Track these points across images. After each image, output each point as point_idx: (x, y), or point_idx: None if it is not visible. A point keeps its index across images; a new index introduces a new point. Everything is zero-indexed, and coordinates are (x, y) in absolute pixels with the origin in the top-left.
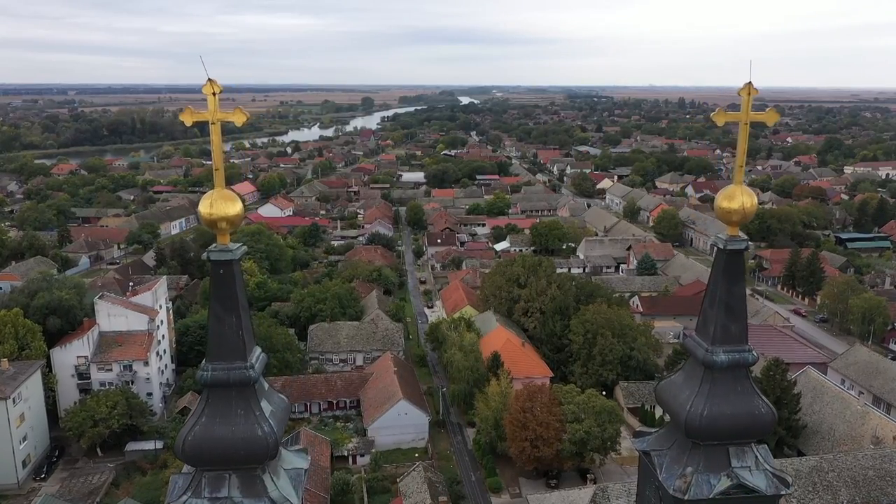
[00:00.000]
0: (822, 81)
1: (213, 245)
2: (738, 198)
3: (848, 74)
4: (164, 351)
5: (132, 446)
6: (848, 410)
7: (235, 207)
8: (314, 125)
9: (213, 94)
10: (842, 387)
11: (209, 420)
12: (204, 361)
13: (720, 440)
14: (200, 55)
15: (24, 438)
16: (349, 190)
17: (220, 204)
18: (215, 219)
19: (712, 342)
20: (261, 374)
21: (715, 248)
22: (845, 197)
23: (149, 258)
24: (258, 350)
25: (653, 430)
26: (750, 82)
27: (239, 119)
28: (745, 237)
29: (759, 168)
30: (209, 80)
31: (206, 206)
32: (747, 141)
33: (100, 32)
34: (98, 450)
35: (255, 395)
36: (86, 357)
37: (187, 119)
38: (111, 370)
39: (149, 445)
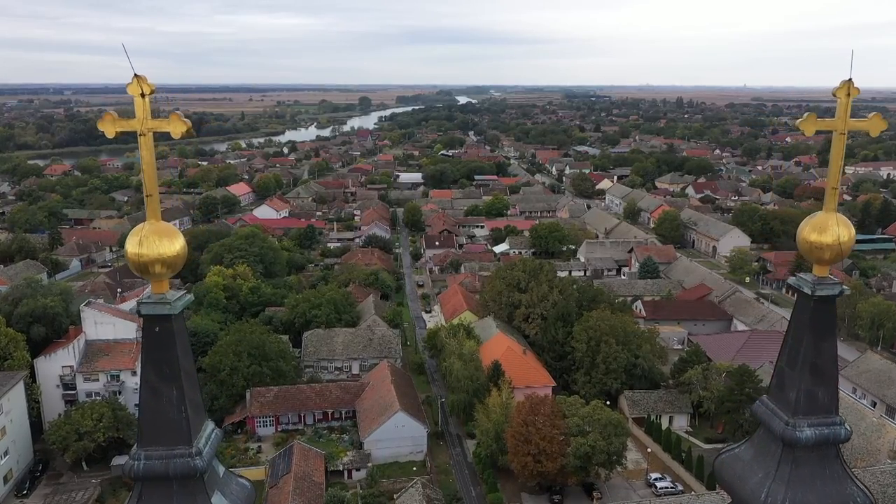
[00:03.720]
0: (819, 81)
1: (147, 294)
2: (832, 229)
3: (844, 74)
4: None
5: (119, 460)
6: (863, 422)
7: (174, 245)
8: (311, 125)
9: (142, 95)
10: (854, 396)
11: None
12: (135, 446)
13: None
14: (122, 43)
15: (6, 453)
16: (346, 191)
17: (154, 241)
18: (146, 261)
19: (794, 412)
20: (213, 458)
21: (796, 294)
22: (847, 198)
23: None
24: (209, 426)
25: None
26: (850, 80)
27: (176, 129)
28: (837, 279)
29: (760, 168)
30: (136, 76)
31: (133, 245)
32: (843, 156)
33: (97, 32)
34: (83, 464)
35: (203, 490)
36: (71, 367)
37: (108, 128)
38: (98, 380)
39: None
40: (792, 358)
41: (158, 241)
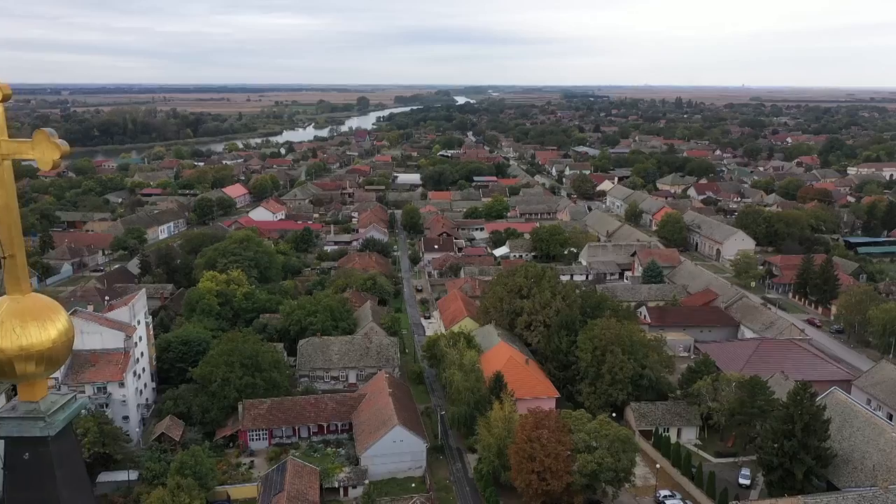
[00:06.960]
0: (818, 81)
1: (12, 402)
2: None
3: (842, 74)
4: (143, 370)
5: (104, 477)
6: (882, 438)
7: (47, 331)
8: (309, 125)
9: None
10: (868, 408)
11: None
12: None
13: None
14: None
15: None
16: (343, 192)
17: (14, 328)
18: (9, 356)
19: None
20: None
21: None
22: (851, 199)
23: (133, 265)
24: None
25: None
26: None
27: (46, 154)
28: None
29: (761, 169)
30: None
31: None
32: None
33: (96, 32)
34: None
35: None
36: (56, 378)
37: None
38: (84, 392)
39: (122, 476)
40: None
41: (21, 327)
